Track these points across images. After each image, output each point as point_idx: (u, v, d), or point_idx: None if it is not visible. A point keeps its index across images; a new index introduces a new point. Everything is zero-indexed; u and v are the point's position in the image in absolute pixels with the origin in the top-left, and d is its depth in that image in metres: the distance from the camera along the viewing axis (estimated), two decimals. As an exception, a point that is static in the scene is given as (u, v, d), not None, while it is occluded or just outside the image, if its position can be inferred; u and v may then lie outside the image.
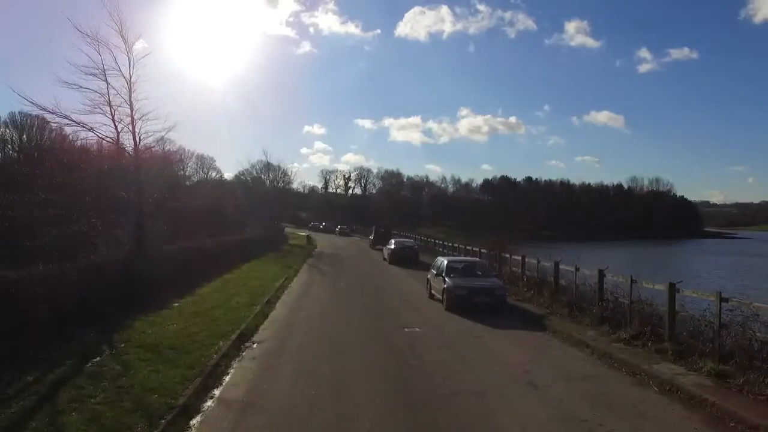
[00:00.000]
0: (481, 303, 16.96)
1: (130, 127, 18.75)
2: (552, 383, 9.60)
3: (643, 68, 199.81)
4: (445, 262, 19.28)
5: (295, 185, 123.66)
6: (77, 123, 17.85)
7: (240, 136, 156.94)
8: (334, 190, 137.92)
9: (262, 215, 67.61)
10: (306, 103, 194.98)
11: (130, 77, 18.48)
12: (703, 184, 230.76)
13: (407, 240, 41.47)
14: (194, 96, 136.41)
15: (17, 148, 62.00)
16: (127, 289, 16.66)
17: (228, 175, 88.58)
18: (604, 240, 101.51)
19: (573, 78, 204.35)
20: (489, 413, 8.13)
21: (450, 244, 38.87)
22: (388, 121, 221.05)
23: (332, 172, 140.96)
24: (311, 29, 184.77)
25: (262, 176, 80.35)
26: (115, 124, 18.78)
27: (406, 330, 14.26)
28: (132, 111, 18.65)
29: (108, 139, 19.06)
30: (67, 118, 17.61)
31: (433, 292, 19.59)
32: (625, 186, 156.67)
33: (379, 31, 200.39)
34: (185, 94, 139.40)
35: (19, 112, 58.88)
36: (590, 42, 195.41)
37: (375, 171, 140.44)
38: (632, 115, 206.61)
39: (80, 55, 18.56)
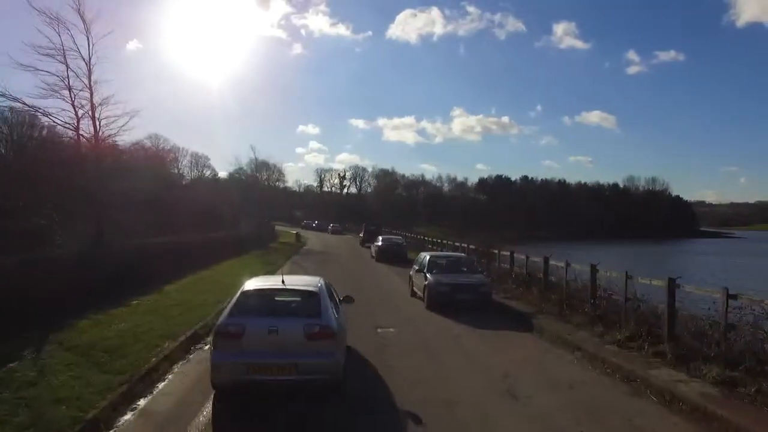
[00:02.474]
0: (464, 300, 15.72)
1: (90, 113, 17.44)
2: (534, 392, 8.35)
3: (632, 70, 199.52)
4: (427, 258, 18.03)
5: (290, 184, 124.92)
6: (30, 107, 16.61)
7: (235, 135, 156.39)
8: (330, 189, 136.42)
9: (252, 213, 66.98)
10: (300, 103, 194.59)
11: (89, 58, 17.25)
12: (698, 184, 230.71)
13: (395, 237, 40.22)
14: (189, 96, 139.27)
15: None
16: (82, 285, 15.41)
17: (222, 174, 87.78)
18: (600, 239, 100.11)
19: (564, 79, 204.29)
20: (458, 426, 6.90)
21: (439, 241, 37.61)
22: (381, 121, 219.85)
23: (327, 170, 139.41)
24: (302, 31, 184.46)
25: (257, 174, 79.93)
26: (75, 110, 17.55)
27: (379, 330, 12.99)
28: (91, 95, 17.39)
29: (68, 126, 17.79)
30: (18, 101, 16.29)
31: (414, 289, 18.35)
32: (621, 185, 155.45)
33: (370, 33, 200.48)
34: (180, 94, 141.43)
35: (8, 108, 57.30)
36: (579, 44, 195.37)
37: (370, 170, 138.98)
38: (624, 115, 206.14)
39: (37, 35, 17.28)
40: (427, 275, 16.68)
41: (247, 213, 66.02)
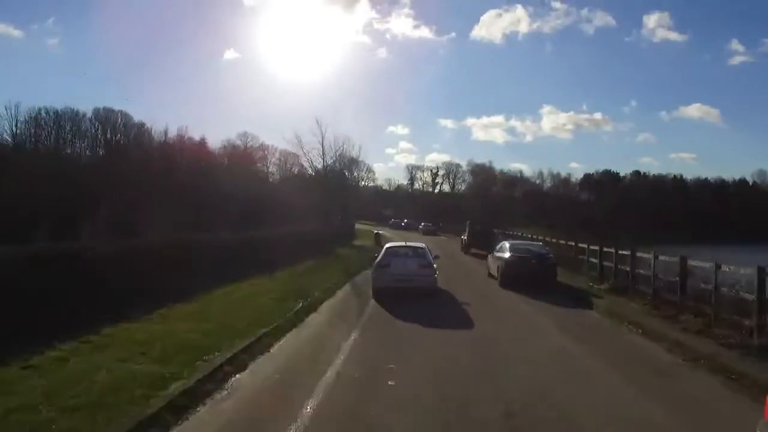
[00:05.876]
0: None
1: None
2: None
3: (735, 60, 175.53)
4: None
5: (380, 182, 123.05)
6: None
7: (326, 137, 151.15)
8: (421, 187, 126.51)
9: (327, 211, 58.27)
10: (388, 105, 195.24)
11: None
12: None
13: (530, 243, 25.23)
14: (281, 101, 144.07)
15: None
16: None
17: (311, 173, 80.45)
18: (728, 241, 77.55)
19: (659, 73, 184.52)
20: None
21: (609, 251, 20.69)
22: (470, 121, 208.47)
23: (418, 167, 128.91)
24: (387, 35, 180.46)
25: (345, 171, 74.80)
26: None
27: None
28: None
29: None
30: None
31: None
32: (750, 181, 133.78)
33: (453, 34, 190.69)
34: (273, 99, 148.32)
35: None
36: (673, 36, 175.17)
37: (464, 166, 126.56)
38: (729, 108, 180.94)
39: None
40: None
41: (321, 211, 55.46)
